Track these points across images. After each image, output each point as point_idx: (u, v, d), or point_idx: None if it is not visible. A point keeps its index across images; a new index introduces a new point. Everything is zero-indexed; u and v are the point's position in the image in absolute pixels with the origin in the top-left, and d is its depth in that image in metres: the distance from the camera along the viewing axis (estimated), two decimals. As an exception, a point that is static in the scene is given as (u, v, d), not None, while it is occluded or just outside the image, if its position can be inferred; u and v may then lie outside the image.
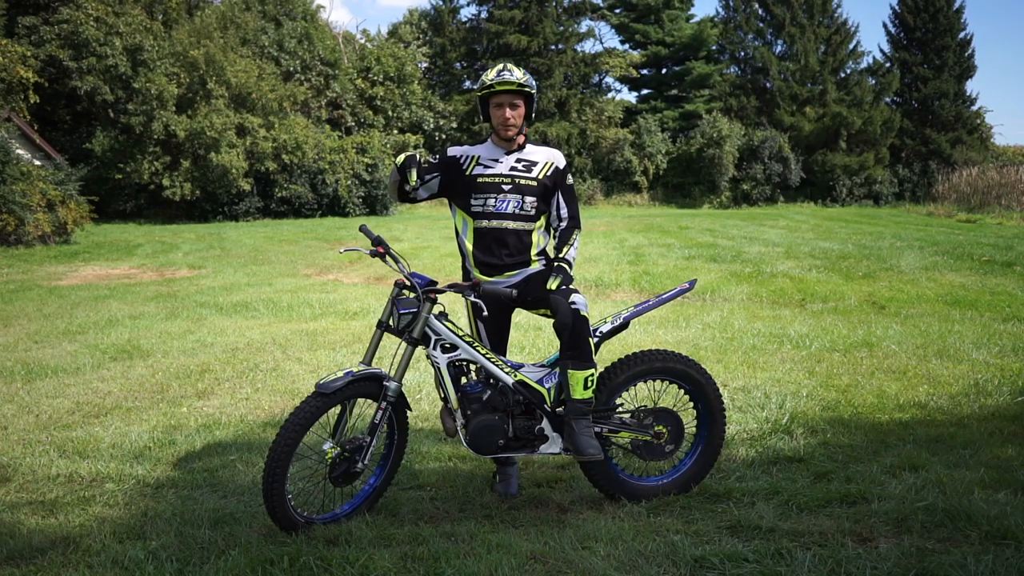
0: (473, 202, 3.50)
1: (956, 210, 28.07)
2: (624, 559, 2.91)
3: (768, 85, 37.92)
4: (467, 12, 52.93)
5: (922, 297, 9.28)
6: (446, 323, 3.39)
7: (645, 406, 3.60)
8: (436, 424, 4.77)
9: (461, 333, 3.39)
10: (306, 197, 27.67)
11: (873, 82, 37.77)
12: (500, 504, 3.56)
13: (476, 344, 3.40)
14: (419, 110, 34.87)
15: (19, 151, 18.55)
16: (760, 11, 38.43)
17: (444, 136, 36.44)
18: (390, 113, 33.33)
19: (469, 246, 3.55)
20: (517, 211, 3.47)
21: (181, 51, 25.08)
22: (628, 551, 2.97)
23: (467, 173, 3.52)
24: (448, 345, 3.36)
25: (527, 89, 3.42)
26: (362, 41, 36.06)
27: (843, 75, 38.21)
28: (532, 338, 7.17)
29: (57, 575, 2.87)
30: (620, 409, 3.56)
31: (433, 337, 3.35)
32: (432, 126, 35.68)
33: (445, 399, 3.40)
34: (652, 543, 3.03)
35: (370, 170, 29.26)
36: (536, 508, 3.53)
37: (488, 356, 3.40)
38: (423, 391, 5.45)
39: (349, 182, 28.47)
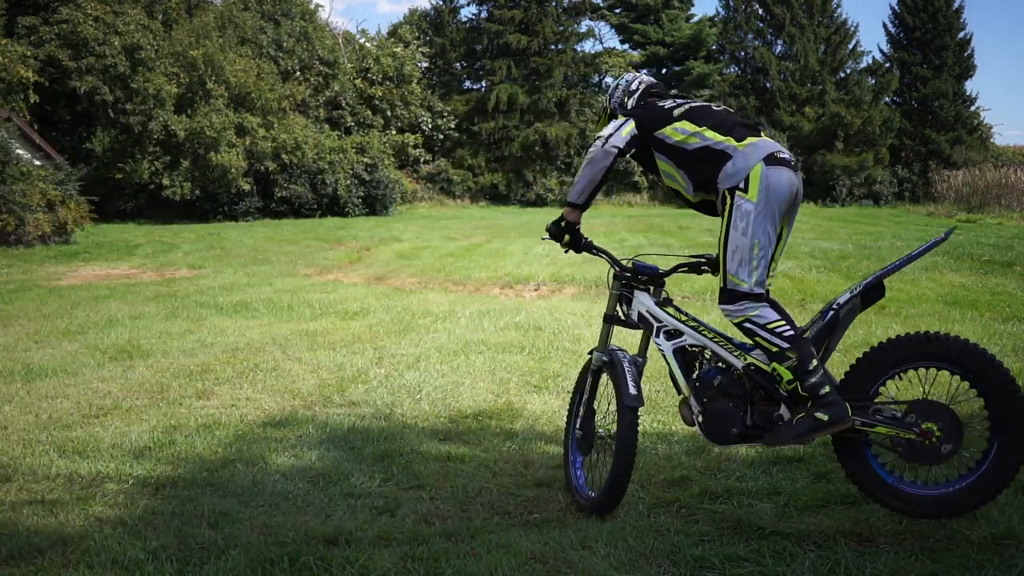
0: None
1: (956, 210, 28.03)
2: (624, 559, 2.91)
3: (768, 85, 37.88)
4: (467, 12, 52.96)
5: (922, 297, 9.27)
6: (668, 309, 3.30)
7: (922, 398, 3.05)
8: (436, 424, 4.77)
9: (683, 318, 3.26)
10: (306, 197, 27.64)
11: (872, 82, 37.74)
12: (500, 504, 3.56)
13: (701, 328, 3.24)
14: (417, 110, 34.87)
15: (19, 151, 18.52)
16: (760, 11, 38.40)
17: (442, 136, 36.45)
18: (388, 113, 33.33)
19: None
20: None
21: (180, 51, 25.06)
22: (628, 551, 2.97)
23: None
24: (672, 331, 3.27)
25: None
26: (361, 41, 36.06)
27: (843, 75, 38.18)
28: (532, 338, 7.17)
29: (57, 575, 2.87)
30: (881, 400, 3.09)
31: (655, 325, 3.29)
32: (430, 126, 35.69)
33: (677, 388, 3.29)
34: (652, 543, 3.03)
35: (370, 170, 29.22)
36: (536, 508, 3.53)
37: (717, 340, 3.21)
38: (423, 391, 5.45)
39: (349, 182, 28.45)
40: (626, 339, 3.89)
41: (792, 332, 3.01)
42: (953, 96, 37.51)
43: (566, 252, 3.52)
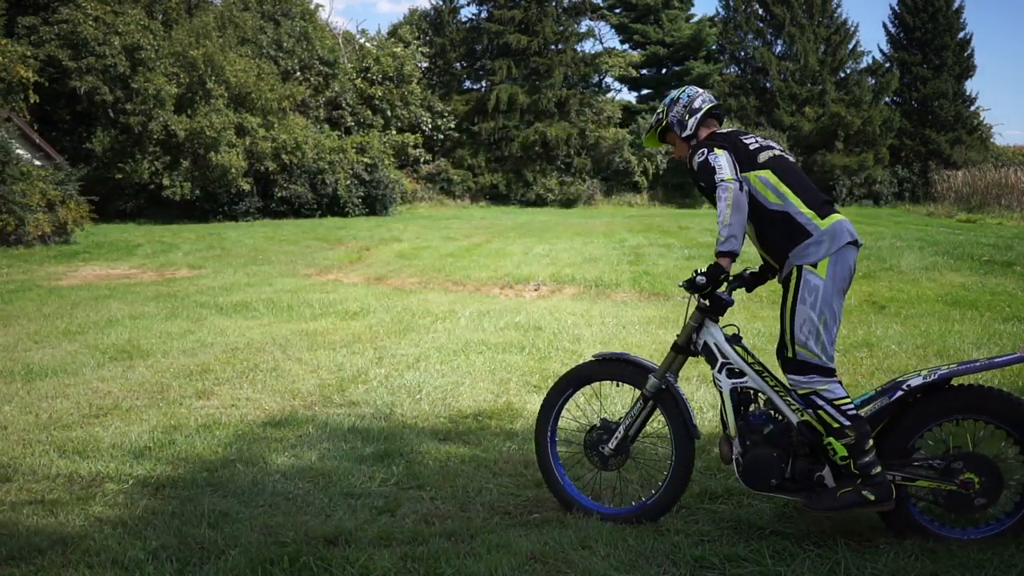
0: None
1: (956, 210, 28.01)
2: (624, 559, 2.91)
3: (768, 85, 37.88)
4: (467, 12, 53.00)
5: (922, 297, 9.27)
6: (736, 348, 3.24)
7: (958, 448, 3.09)
8: (436, 424, 4.77)
9: (750, 360, 3.20)
10: (306, 197, 27.64)
11: (872, 82, 37.73)
12: (500, 504, 3.56)
13: (765, 374, 3.18)
14: (417, 110, 34.88)
15: (19, 151, 18.51)
16: (760, 11, 38.41)
17: (442, 136, 36.46)
18: (388, 113, 33.33)
19: None
20: None
21: (180, 51, 25.06)
22: (628, 551, 2.97)
23: None
24: (735, 370, 3.21)
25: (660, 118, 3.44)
26: (361, 41, 36.06)
27: (843, 75, 38.18)
28: (532, 338, 7.17)
29: (57, 575, 2.87)
30: (921, 453, 3.09)
31: (720, 360, 3.23)
32: (430, 126, 35.69)
33: (724, 425, 3.24)
34: (652, 543, 3.04)
35: (370, 170, 29.22)
36: (536, 508, 3.53)
37: (777, 389, 3.16)
38: (423, 391, 5.45)
39: (349, 182, 28.45)
40: (628, 341, 3.90)
41: (855, 411, 3.01)
42: (953, 96, 37.51)
43: (695, 296, 3.27)
